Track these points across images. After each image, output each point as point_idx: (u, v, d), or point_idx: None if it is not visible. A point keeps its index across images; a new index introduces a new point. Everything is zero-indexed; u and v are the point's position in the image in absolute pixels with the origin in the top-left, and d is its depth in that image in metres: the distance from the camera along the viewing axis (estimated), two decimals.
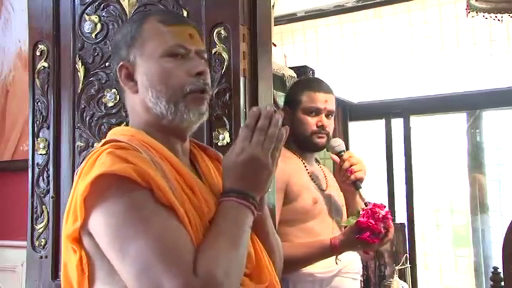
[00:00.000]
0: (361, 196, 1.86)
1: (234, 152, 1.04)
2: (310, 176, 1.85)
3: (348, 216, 1.92)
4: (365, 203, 1.81)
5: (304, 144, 1.87)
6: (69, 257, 1.03)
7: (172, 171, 1.04)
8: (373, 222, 1.66)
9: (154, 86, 1.08)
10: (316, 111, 1.86)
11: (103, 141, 1.10)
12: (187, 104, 1.08)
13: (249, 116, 1.05)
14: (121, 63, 1.12)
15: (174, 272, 0.88)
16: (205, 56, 1.15)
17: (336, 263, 1.75)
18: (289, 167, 1.79)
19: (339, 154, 1.88)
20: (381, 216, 1.68)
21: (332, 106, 1.90)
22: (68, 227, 1.00)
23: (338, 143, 1.90)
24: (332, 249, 1.70)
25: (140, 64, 1.10)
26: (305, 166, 1.86)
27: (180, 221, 0.96)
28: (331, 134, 1.90)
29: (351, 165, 1.84)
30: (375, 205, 1.71)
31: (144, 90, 1.10)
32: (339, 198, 1.91)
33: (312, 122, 1.85)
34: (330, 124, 1.88)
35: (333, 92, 1.94)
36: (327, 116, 1.87)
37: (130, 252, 0.91)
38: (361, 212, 1.71)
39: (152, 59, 1.09)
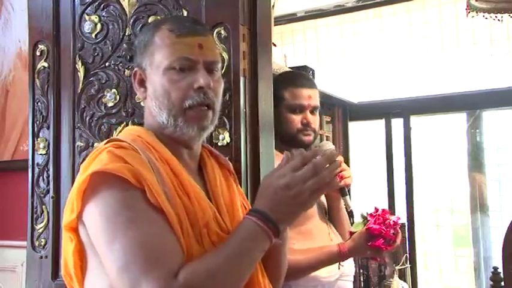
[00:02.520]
0: (346, 203, 1.82)
1: (276, 174, 1.01)
2: None
3: (331, 220, 1.88)
4: (349, 211, 1.80)
5: (290, 143, 1.78)
6: (66, 245, 1.07)
7: (170, 174, 1.05)
8: (386, 229, 1.63)
9: (158, 97, 1.11)
10: (301, 108, 1.81)
11: (108, 140, 1.12)
12: (186, 120, 1.10)
13: (311, 150, 1.03)
14: (135, 69, 1.17)
15: (153, 274, 0.90)
16: (218, 65, 1.15)
17: (339, 268, 1.74)
18: None
19: None
20: (392, 222, 1.65)
21: (316, 102, 1.85)
22: (65, 218, 1.05)
23: (329, 146, 1.85)
24: (340, 256, 1.69)
25: (149, 73, 1.14)
26: None
27: (168, 223, 0.97)
28: (317, 129, 1.87)
29: (341, 171, 1.77)
30: (384, 211, 1.68)
31: (149, 99, 1.14)
32: (323, 198, 1.89)
33: (296, 119, 1.80)
34: (315, 120, 1.84)
35: (317, 86, 1.89)
36: (311, 112, 1.83)
37: (115, 249, 0.94)
38: (369, 218, 1.68)
39: (159, 70, 1.11)
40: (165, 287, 0.89)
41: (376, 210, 1.69)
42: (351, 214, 1.79)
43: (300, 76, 1.93)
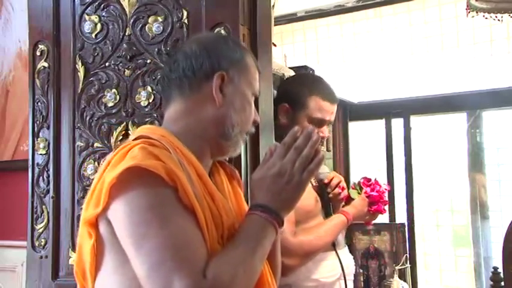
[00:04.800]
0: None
1: (265, 166, 1.08)
2: None
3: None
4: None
5: None
6: (84, 241, 1.06)
7: (196, 177, 1.06)
8: (383, 195, 1.88)
9: (241, 112, 1.15)
10: (321, 123, 1.79)
11: (133, 136, 1.12)
12: (243, 141, 1.19)
13: (289, 135, 1.09)
14: (222, 72, 1.13)
15: (185, 271, 0.91)
16: None
17: (342, 267, 1.75)
18: None
19: (320, 181, 1.86)
20: (383, 189, 1.90)
21: (334, 117, 1.85)
22: (87, 212, 1.03)
23: (321, 170, 1.85)
24: (348, 223, 1.80)
25: (237, 85, 1.15)
26: None
27: (197, 224, 0.98)
28: None
29: (340, 182, 1.87)
30: (376, 181, 1.92)
31: (229, 108, 1.14)
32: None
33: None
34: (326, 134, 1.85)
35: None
36: (327, 125, 1.83)
37: (146, 247, 0.93)
38: (364, 187, 1.89)
39: (248, 89, 1.17)
40: (195, 283, 0.90)
41: (369, 179, 1.92)
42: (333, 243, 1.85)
43: (327, 86, 1.86)
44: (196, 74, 1.13)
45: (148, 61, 1.57)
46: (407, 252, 3.05)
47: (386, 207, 1.97)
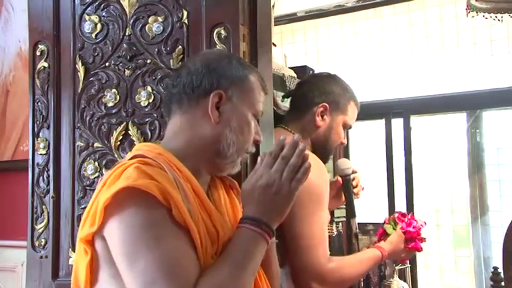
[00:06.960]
0: (354, 225, 1.87)
1: (254, 177, 1.08)
2: None
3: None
4: (355, 233, 1.83)
5: (322, 152, 1.73)
6: (80, 258, 1.07)
7: (192, 193, 1.07)
8: (419, 232, 1.79)
9: (238, 132, 1.15)
10: (348, 128, 1.80)
11: (130, 155, 1.13)
12: (242, 160, 1.19)
13: (276, 144, 1.10)
14: (220, 91, 1.14)
15: None
16: None
17: None
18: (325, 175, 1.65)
19: (345, 177, 1.83)
20: (420, 225, 1.81)
21: None
22: (84, 230, 1.05)
23: (348, 165, 1.84)
24: (382, 259, 1.73)
25: (236, 104, 1.15)
26: None
27: (191, 241, 0.99)
28: None
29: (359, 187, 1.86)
30: (411, 215, 1.82)
31: (225, 127, 1.14)
32: None
33: (342, 136, 1.77)
34: None
35: None
36: None
37: (139, 265, 0.95)
38: (399, 222, 1.78)
39: (248, 109, 1.16)
40: None
41: (404, 214, 1.82)
42: (356, 236, 1.81)
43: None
44: (195, 90, 1.15)
45: (148, 61, 1.57)
46: None
47: (423, 244, 1.85)
